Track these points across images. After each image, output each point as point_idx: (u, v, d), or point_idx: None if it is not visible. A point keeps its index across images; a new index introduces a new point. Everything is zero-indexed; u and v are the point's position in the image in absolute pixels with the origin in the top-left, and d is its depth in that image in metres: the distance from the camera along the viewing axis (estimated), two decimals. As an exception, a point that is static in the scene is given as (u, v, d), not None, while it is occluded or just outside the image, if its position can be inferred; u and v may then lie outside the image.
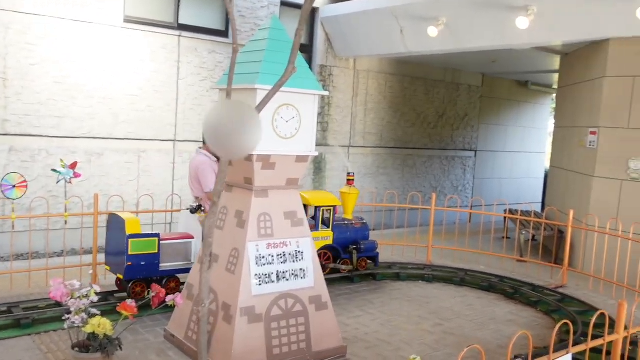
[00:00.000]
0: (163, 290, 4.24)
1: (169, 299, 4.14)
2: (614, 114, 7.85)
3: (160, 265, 5.54)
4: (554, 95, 14.89)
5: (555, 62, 11.07)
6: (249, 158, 4.29)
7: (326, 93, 4.64)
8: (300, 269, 4.61)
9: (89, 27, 7.96)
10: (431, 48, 9.14)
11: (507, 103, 14.89)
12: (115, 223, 5.60)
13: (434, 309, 6.26)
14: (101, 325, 3.87)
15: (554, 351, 3.13)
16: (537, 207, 15.44)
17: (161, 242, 5.54)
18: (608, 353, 3.98)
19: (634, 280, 6.93)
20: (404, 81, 12.14)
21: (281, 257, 4.50)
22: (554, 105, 14.58)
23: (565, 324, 3.46)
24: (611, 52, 7.81)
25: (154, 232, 5.64)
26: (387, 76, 11.80)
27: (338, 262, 6.84)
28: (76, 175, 6.02)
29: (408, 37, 9.20)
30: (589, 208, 8.04)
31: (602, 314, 3.67)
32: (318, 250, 6.57)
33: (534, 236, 9.36)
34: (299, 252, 4.61)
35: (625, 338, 3.65)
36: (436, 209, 8.44)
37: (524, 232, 9.01)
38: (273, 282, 4.43)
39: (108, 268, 5.84)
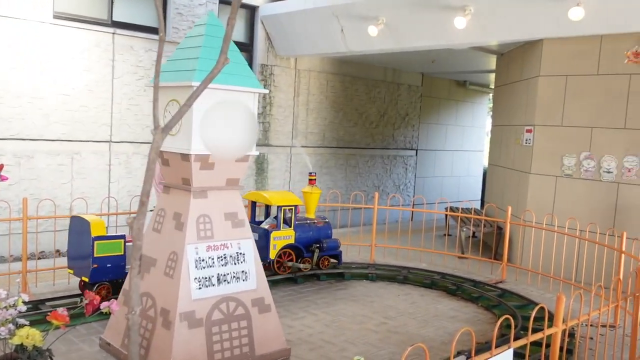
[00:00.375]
0: (97, 297, 4.04)
1: (104, 305, 3.95)
2: (548, 112, 8.08)
3: (126, 267, 5.51)
4: (491, 94, 15.26)
5: (492, 62, 11.33)
6: (185, 158, 4.15)
7: (266, 91, 4.54)
8: (242, 271, 4.49)
9: (15, 23, 7.58)
10: (371, 47, 9.17)
11: (447, 102, 15.15)
12: (78, 225, 5.50)
13: (378, 308, 6.25)
14: (30, 336, 3.65)
15: (496, 346, 3.14)
16: (477, 205, 15.79)
17: (127, 243, 5.54)
18: (547, 346, 4.05)
19: (569, 273, 7.14)
20: (345, 81, 12.15)
21: (222, 260, 4.38)
22: (491, 105, 14.94)
23: (507, 318, 3.49)
24: (545, 52, 8.03)
25: (119, 234, 5.63)
26: (329, 75, 11.79)
27: (299, 261, 6.88)
28: (2, 179, 5.68)
29: (348, 36, 9.21)
30: (526, 204, 8.25)
31: (542, 308, 3.72)
32: (280, 250, 6.68)
33: (474, 233, 9.53)
34: (240, 254, 4.50)
35: (563, 331, 3.71)
36: (379, 207, 8.47)
37: (464, 229, 9.16)
38: (214, 285, 4.30)
39: (71, 272, 5.74)
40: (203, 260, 4.26)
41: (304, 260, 6.90)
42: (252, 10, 10.32)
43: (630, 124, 7.38)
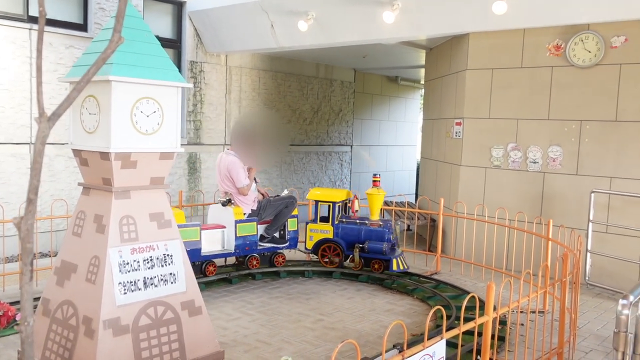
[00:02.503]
0: (13, 309, 3.80)
1: (20, 317, 3.71)
2: (476, 105, 8.23)
3: (202, 251, 6.36)
4: (422, 90, 15.50)
5: (422, 57, 11.47)
6: (105, 156, 3.93)
7: (189, 85, 4.37)
8: (170, 274, 4.32)
9: None
10: (302, 43, 9.09)
11: (380, 98, 15.27)
12: None
13: (315, 305, 6.19)
14: None
15: (430, 337, 3.12)
16: (411, 198, 16.01)
17: (202, 230, 6.36)
18: (480, 334, 4.08)
19: (500, 262, 7.29)
20: (277, 77, 12.03)
21: (148, 262, 4.18)
22: (422, 101, 15.17)
23: (439, 309, 3.48)
24: (471, 46, 8.18)
25: (195, 222, 6.52)
26: (260, 72, 11.63)
27: (348, 258, 7.24)
28: None
29: (279, 31, 9.09)
30: (457, 196, 8.38)
31: (473, 297, 3.74)
32: (318, 242, 7.23)
33: (408, 226, 9.61)
34: (167, 255, 4.32)
35: (494, 319, 3.74)
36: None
37: (399, 223, 9.20)
38: (140, 289, 4.11)
39: None
40: (127, 263, 4.06)
41: (352, 259, 7.15)
42: (179, 5, 10.04)
43: (553, 115, 7.61)
